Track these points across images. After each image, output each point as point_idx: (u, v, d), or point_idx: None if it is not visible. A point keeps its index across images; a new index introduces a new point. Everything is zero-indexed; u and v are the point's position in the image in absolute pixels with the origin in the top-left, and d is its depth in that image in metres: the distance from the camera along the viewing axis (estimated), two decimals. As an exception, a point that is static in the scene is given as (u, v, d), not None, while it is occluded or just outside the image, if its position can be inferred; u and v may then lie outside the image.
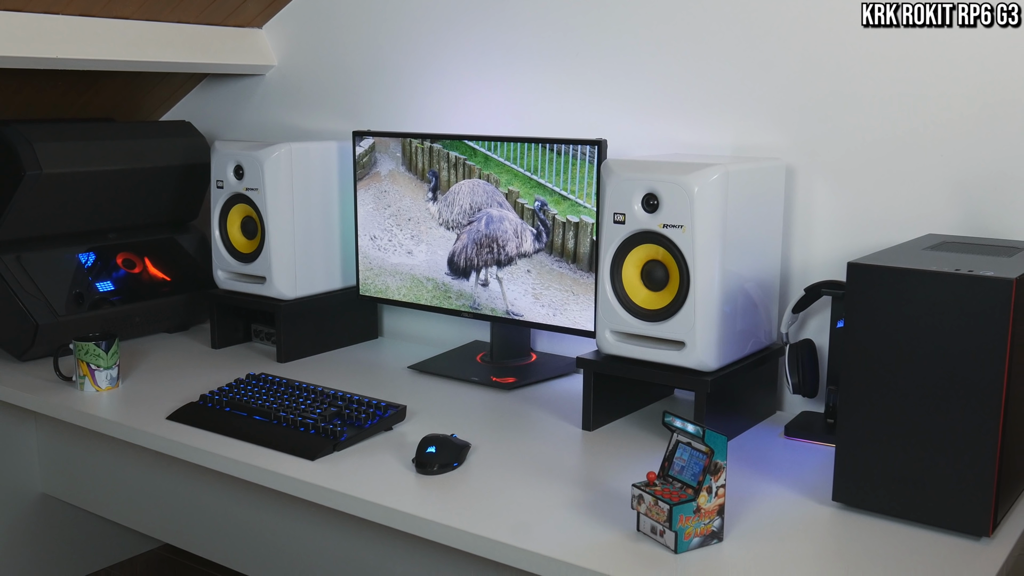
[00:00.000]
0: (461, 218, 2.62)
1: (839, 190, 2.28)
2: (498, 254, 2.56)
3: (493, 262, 2.58)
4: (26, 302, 2.69)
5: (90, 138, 2.89)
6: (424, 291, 2.74)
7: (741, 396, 2.23)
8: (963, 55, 2.10)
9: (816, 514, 1.79)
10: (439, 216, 2.66)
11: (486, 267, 2.59)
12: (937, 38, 2.12)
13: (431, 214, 2.67)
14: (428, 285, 2.73)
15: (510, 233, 2.53)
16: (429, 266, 2.72)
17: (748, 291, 2.17)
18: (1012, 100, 2.06)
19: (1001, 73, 2.06)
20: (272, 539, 2.50)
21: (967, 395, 1.63)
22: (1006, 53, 2.05)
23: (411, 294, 2.77)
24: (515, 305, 2.55)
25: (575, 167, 2.39)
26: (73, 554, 3.27)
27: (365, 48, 3.01)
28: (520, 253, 2.52)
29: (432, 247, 2.70)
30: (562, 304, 2.47)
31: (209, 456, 2.13)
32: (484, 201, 2.57)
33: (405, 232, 2.75)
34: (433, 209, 2.67)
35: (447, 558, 2.17)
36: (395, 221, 2.76)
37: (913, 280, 1.66)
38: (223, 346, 2.94)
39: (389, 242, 2.79)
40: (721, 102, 2.40)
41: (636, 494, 1.69)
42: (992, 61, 2.07)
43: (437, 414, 2.33)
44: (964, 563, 1.60)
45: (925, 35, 2.13)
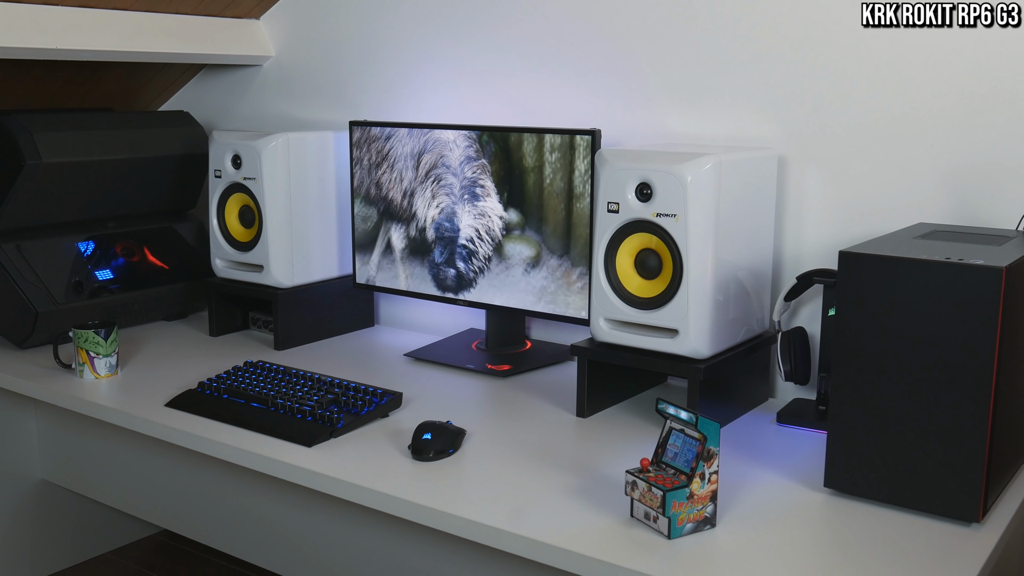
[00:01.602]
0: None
1: (831, 180, 2.27)
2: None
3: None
4: (26, 290, 2.68)
5: (89, 128, 2.88)
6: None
7: (734, 383, 2.22)
8: (954, 46, 2.09)
9: (808, 500, 1.79)
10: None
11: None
12: (928, 30, 2.11)
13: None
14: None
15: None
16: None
17: (740, 279, 2.17)
18: (1002, 90, 2.05)
19: (991, 63, 2.05)
20: (269, 525, 2.50)
21: (958, 382, 1.63)
22: (996, 44, 2.04)
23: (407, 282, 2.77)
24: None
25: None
26: (72, 539, 3.27)
27: (361, 39, 2.99)
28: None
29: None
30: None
31: (207, 443, 2.13)
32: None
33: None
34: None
35: (442, 544, 2.17)
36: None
37: (904, 268, 1.66)
38: (221, 334, 2.93)
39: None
40: (714, 93, 2.40)
41: (630, 480, 1.68)
42: (982, 52, 2.06)
43: (433, 401, 2.32)
44: (955, 548, 1.59)
45: (916, 27, 2.12)
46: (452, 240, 2.63)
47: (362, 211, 2.81)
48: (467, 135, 2.55)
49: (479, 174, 2.54)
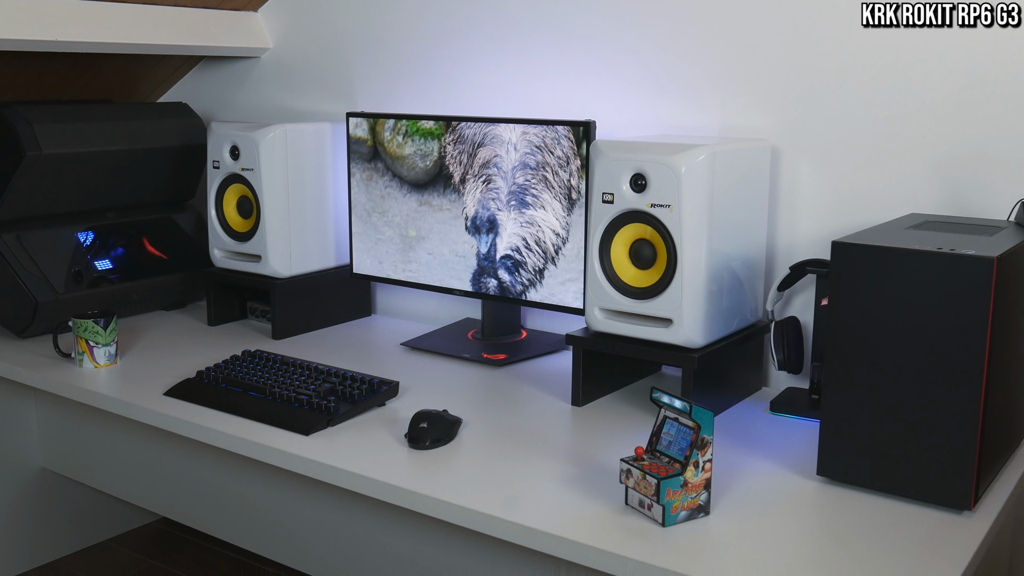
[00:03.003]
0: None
1: (823, 170, 2.26)
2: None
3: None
4: (26, 280, 2.68)
5: (89, 119, 2.87)
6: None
7: (727, 372, 2.22)
8: (946, 40, 2.08)
9: (801, 488, 1.79)
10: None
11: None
12: (920, 21, 2.10)
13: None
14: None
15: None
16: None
17: (734, 269, 2.16)
18: (993, 81, 2.04)
19: (982, 55, 2.05)
20: (267, 513, 2.49)
21: (949, 371, 1.62)
22: (988, 38, 2.03)
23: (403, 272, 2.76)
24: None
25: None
26: (72, 527, 3.27)
27: (358, 31, 2.98)
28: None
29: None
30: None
31: (205, 431, 2.12)
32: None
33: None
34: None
35: (438, 531, 2.17)
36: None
37: (896, 258, 1.65)
38: (219, 323, 2.92)
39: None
40: (708, 84, 2.39)
41: (624, 468, 1.68)
42: (973, 46, 2.05)
43: (429, 390, 2.31)
44: (946, 536, 1.59)
45: (909, 18, 2.12)
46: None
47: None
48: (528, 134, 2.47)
49: (531, 181, 2.50)
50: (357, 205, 2.81)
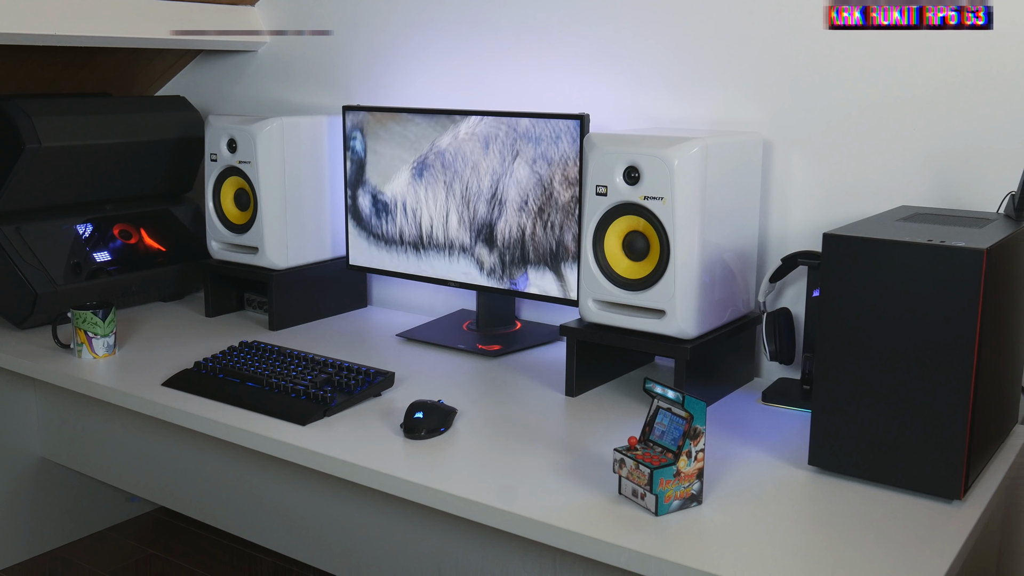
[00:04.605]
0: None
1: (815, 163, 2.26)
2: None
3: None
4: (25, 272, 2.67)
5: (88, 112, 2.86)
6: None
7: (720, 363, 2.21)
8: (936, 32, 2.07)
9: (792, 477, 1.78)
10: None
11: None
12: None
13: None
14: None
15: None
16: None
17: (726, 261, 2.16)
18: (983, 73, 2.04)
19: (972, 47, 2.04)
20: (264, 502, 2.49)
21: (939, 362, 1.62)
22: (978, 28, 2.03)
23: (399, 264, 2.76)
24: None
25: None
26: (71, 516, 3.27)
27: (354, 25, 2.97)
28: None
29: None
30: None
31: (203, 421, 2.12)
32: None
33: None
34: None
35: (433, 520, 2.16)
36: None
37: (887, 250, 1.65)
38: (216, 314, 2.91)
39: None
40: (700, 77, 2.38)
41: (618, 458, 1.68)
42: (963, 37, 2.05)
43: (424, 381, 2.31)
44: (936, 525, 1.59)
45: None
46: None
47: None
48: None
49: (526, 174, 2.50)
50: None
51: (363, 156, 2.74)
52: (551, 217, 2.41)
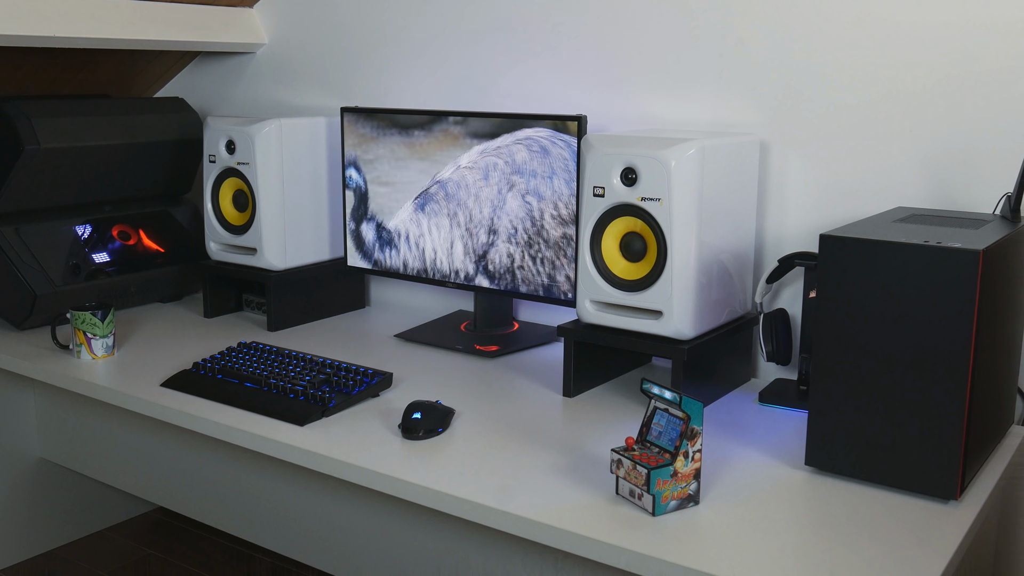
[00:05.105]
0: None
1: (811, 164, 2.26)
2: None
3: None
4: (25, 273, 2.66)
5: (87, 114, 2.86)
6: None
7: (717, 364, 2.21)
8: (932, 32, 2.07)
9: (789, 478, 1.78)
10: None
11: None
12: (907, 15, 2.10)
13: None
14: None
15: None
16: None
17: (723, 262, 2.15)
18: (979, 75, 2.04)
19: (968, 48, 2.04)
20: (262, 502, 2.49)
21: (936, 362, 1.62)
22: (974, 29, 2.03)
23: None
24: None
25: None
26: (70, 517, 3.27)
27: (352, 27, 2.97)
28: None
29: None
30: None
31: (202, 422, 2.11)
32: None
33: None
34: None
35: (431, 520, 2.16)
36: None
37: (883, 251, 1.65)
38: (215, 315, 2.91)
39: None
40: (697, 79, 2.38)
41: (615, 459, 1.67)
42: (960, 37, 2.05)
43: (422, 381, 2.31)
44: (933, 525, 1.59)
45: (895, 12, 2.11)
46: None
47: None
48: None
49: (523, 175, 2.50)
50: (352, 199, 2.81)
51: (365, 188, 2.75)
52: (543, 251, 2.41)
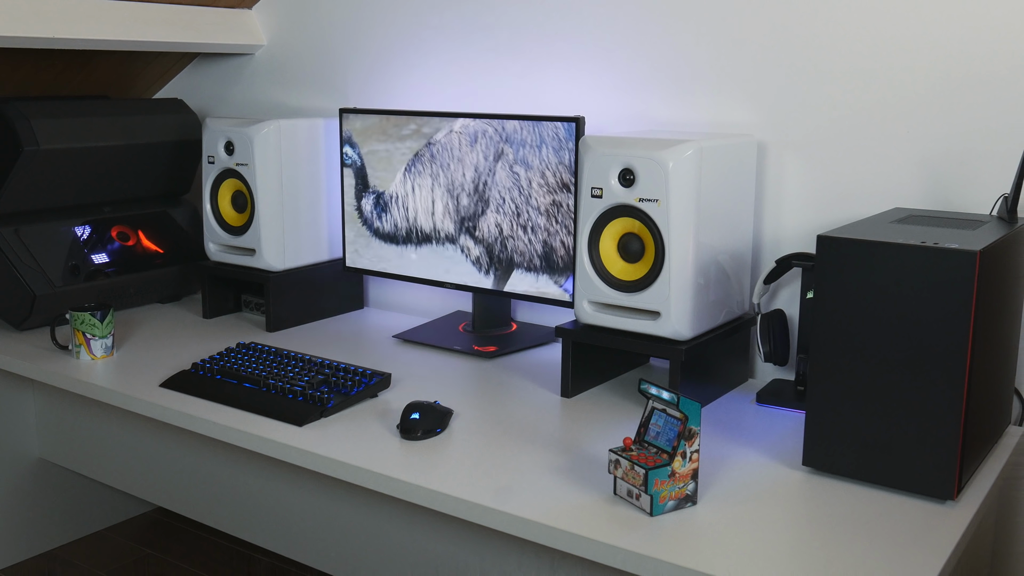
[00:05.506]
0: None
1: (809, 165, 2.26)
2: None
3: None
4: (24, 273, 2.66)
5: (86, 115, 2.85)
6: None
7: (714, 364, 2.21)
8: (928, 33, 2.07)
9: (787, 478, 1.78)
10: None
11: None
12: (904, 16, 2.10)
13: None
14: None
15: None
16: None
17: (721, 263, 2.15)
18: (976, 76, 2.04)
19: (965, 50, 2.04)
20: (261, 502, 2.48)
21: (933, 363, 1.62)
22: (971, 30, 2.03)
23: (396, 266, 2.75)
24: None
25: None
26: (69, 517, 3.26)
27: (351, 28, 2.97)
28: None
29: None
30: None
31: (201, 422, 2.11)
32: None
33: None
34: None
35: (430, 521, 2.16)
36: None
37: (880, 252, 1.65)
38: (214, 316, 2.91)
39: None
40: (695, 80, 2.38)
41: (613, 459, 1.67)
42: (957, 38, 2.05)
43: (421, 382, 2.30)
44: (930, 525, 1.58)
45: (892, 13, 2.11)
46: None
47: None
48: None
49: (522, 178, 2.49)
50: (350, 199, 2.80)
51: (361, 162, 2.74)
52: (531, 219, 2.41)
